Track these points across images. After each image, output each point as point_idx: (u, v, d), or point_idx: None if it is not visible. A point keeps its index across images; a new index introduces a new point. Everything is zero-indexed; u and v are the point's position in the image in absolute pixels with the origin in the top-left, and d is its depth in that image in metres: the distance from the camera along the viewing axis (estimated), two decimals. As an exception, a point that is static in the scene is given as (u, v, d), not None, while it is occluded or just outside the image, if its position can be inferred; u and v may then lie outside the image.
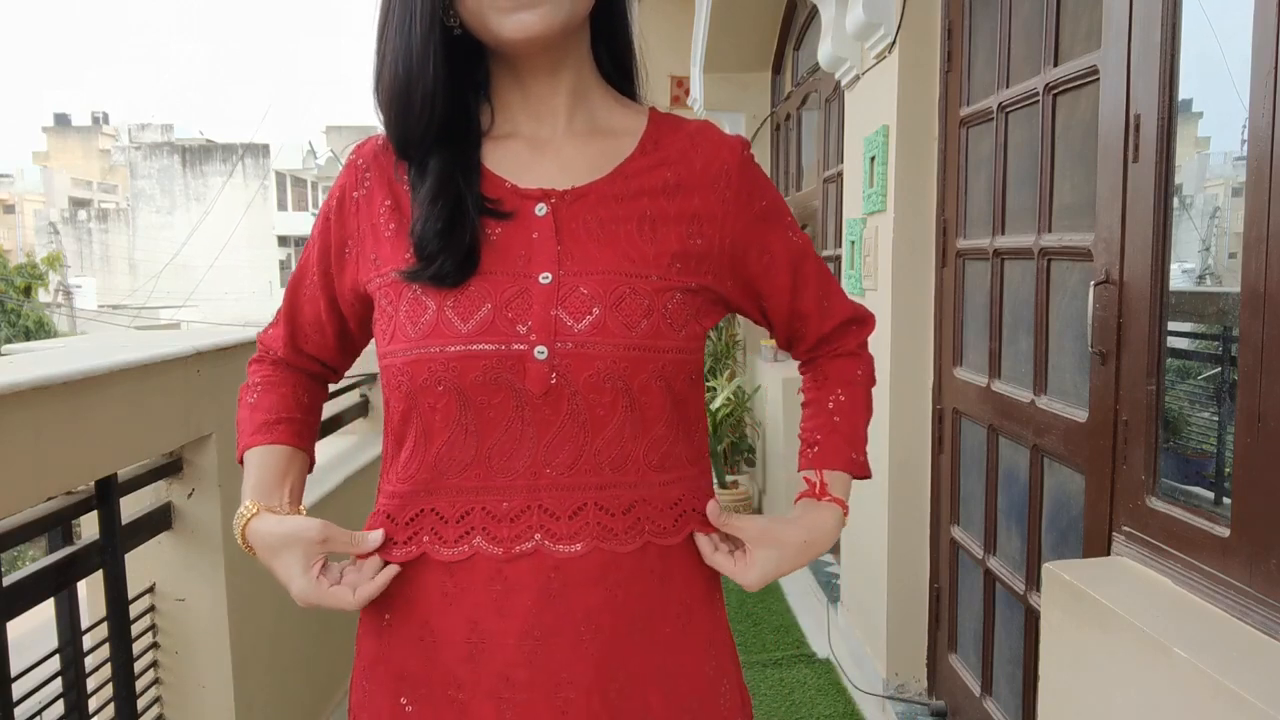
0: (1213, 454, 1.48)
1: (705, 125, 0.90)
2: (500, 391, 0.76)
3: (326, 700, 2.28)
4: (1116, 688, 1.16)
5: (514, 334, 0.76)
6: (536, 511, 0.78)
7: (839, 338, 0.96)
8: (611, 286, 0.77)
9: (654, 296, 0.79)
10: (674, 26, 5.00)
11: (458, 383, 0.76)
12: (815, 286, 0.93)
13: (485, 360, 0.76)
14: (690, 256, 0.82)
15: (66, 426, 1.24)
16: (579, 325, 0.76)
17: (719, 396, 4.22)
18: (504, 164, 0.84)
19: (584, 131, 0.85)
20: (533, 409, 0.77)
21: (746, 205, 0.87)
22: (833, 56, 2.58)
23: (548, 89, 0.84)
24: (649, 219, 0.82)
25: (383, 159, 0.85)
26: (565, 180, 0.82)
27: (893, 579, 2.39)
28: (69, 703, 1.38)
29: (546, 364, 0.76)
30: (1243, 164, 1.11)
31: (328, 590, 0.80)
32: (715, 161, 0.86)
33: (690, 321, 0.82)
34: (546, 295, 0.77)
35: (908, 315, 2.31)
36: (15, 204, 29.08)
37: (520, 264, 0.78)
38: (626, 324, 0.77)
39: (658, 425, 0.81)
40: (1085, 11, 1.60)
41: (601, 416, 0.77)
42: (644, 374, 0.78)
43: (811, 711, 2.52)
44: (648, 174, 0.84)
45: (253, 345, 1.82)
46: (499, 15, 0.76)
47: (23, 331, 16.94)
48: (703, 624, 0.86)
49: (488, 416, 0.77)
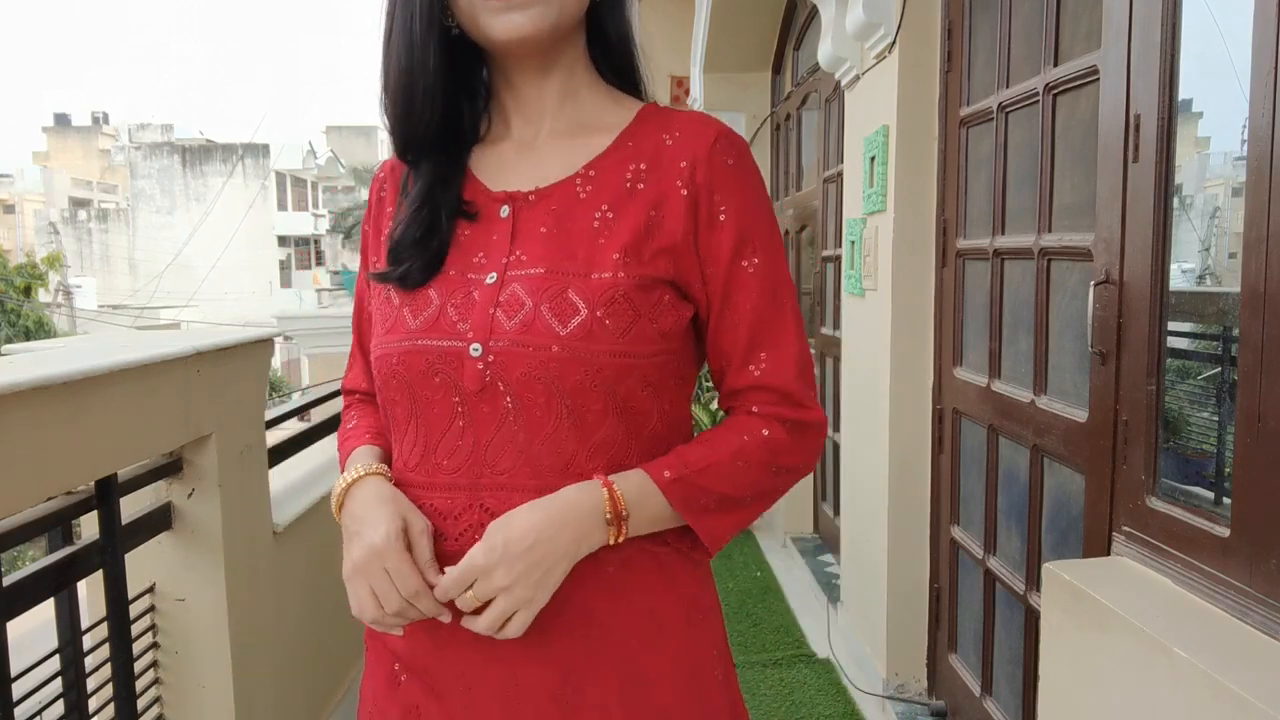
0: (1213, 454, 1.48)
1: (697, 116, 0.85)
2: (442, 388, 0.78)
3: (327, 700, 2.28)
4: (1116, 688, 1.16)
5: (454, 331, 0.78)
6: (478, 510, 0.78)
7: (753, 398, 0.83)
8: (546, 286, 0.77)
9: (591, 296, 0.76)
10: (674, 26, 5.00)
11: (407, 377, 0.80)
12: (747, 332, 0.81)
13: (428, 355, 0.78)
14: (645, 249, 0.79)
15: (66, 426, 1.24)
16: (510, 324, 0.76)
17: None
18: (488, 168, 0.86)
19: (566, 131, 0.85)
20: (472, 406, 0.78)
21: (709, 199, 0.80)
22: (833, 56, 2.58)
23: (536, 90, 0.85)
24: (608, 214, 0.80)
25: (398, 171, 0.89)
26: (534, 181, 0.83)
27: (893, 579, 2.39)
28: (69, 703, 1.38)
29: (480, 361, 0.77)
30: (1243, 164, 1.11)
31: (405, 557, 0.76)
32: (686, 147, 0.81)
33: (638, 322, 0.77)
34: (488, 295, 0.78)
35: (908, 315, 2.31)
36: (15, 204, 29.08)
37: (475, 265, 0.81)
38: (558, 324, 0.75)
39: (601, 430, 0.78)
40: (1085, 11, 1.60)
41: (539, 417, 0.77)
42: (576, 375, 0.75)
43: (811, 711, 2.52)
44: (616, 168, 0.82)
45: (253, 345, 1.83)
46: (489, 16, 0.77)
47: (23, 331, 16.94)
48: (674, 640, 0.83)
49: (432, 413, 0.80)
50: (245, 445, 1.79)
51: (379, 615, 0.78)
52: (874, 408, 2.48)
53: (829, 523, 3.70)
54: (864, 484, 2.62)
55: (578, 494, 0.76)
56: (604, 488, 0.76)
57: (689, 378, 0.86)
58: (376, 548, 0.76)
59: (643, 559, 0.81)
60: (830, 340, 3.52)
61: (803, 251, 4.08)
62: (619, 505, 0.76)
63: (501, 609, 0.74)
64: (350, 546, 0.79)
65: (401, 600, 0.76)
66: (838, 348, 3.04)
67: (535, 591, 0.74)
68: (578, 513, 0.76)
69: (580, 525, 0.76)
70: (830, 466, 3.72)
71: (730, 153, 0.82)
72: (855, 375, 2.73)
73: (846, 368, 2.85)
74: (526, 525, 0.74)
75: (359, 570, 0.78)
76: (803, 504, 4.00)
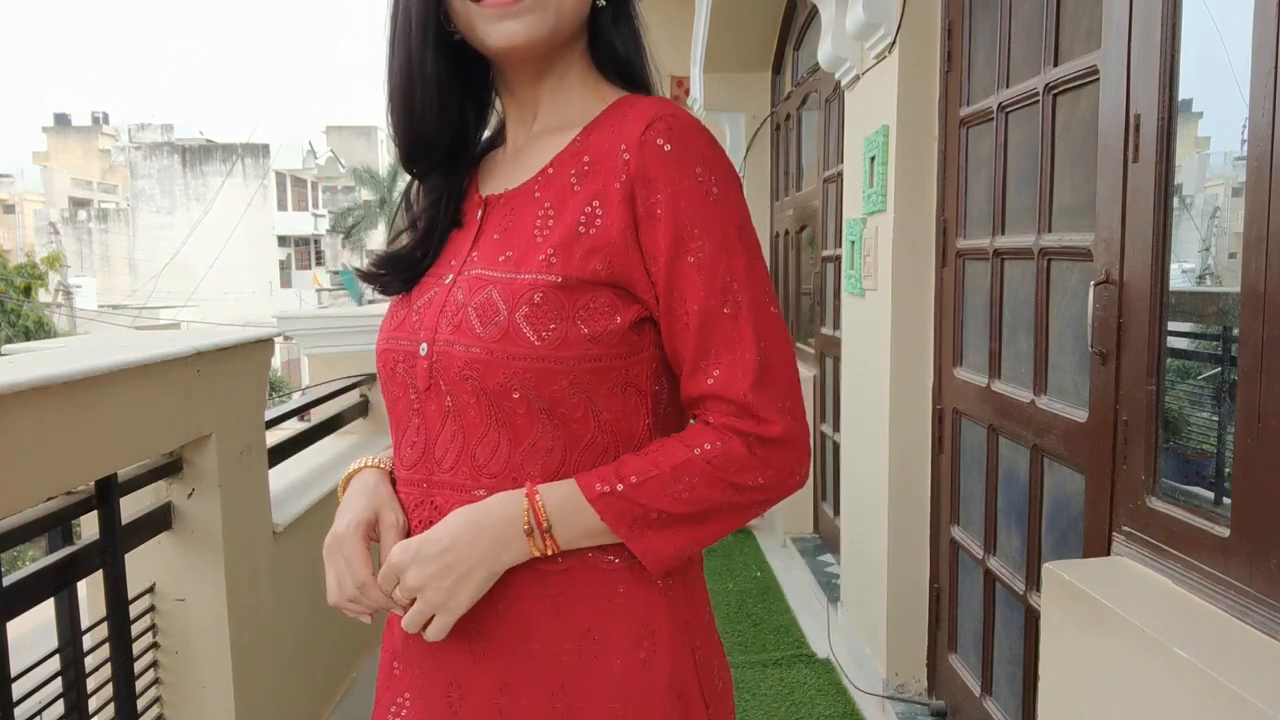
0: (1213, 454, 1.48)
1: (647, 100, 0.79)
2: (402, 386, 0.82)
3: (327, 700, 2.28)
4: (1116, 687, 1.16)
5: (413, 331, 0.82)
6: (428, 507, 0.80)
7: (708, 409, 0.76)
8: (477, 288, 0.77)
9: (511, 297, 0.74)
10: (674, 26, 5.00)
11: (383, 374, 0.85)
12: (695, 337, 0.74)
13: (394, 355, 0.83)
14: (576, 248, 0.74)
15: (66, 426, 1.24)
16: (446, 324, 0.78)
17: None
18: (486, 174, 0.89)
19: (545, 131, 0.84)
20: (423, 404, 0.81)
21: (644, 189, 0.73)
22: (833, 56, 2.58)
23: (530, 93, 0.85)
24: (551, 212, 0.77)
25: None
26: (504, 183, 0.85)
27: (893, 579, 2.39)
28: (69, 703, 1.38)
29: (426, 360, 0.79)
30: (1243, 164, 1.11)
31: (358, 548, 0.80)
32: (623, 136, 0.75)
33: (562, 324, 0.73)
34: (441, 296, 0.81)
35: (908, 315, 2.31)
36: (15, 204, 29.07)
37: (447, 268, 0.84)
38: (480, 324, 0.75)
39: (530, 434, 0.75)
40: (1085, 11, 1.60)
41: (474, 419, 0.77)
42: (496, 377, 0.74)
43: (811, 711, 2.52)
44: (568, 163, 0.79)
45: (253, 345, 1.83)
46: (485, 23, 0.77)
47: (23, 331, 16.94)
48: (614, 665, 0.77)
49: (397, 410, 0.84)
50: (245, 445, 1.79)
51: (339, 599, 0.81)
52: (874, 408, 2.48)
53: (829, 523, 3.70)
54: (864, 484, 2.62)
55: (500, 502, 0.75)
56: (525, 497, 0.74)
57: (652, 390, 0.79)
58: (338, 535, 0.81)
59: (585, 572, 0.77)
60: (830, 340, 3.52)
61: (803, 251, 4.08)
62: (540, 516, 0.73)
63: (419, 610, 0.76)
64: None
65: (353, 588, 0.80)
66: (838, 348, 3.04)
67: (447, 596, 0.74)
68: (496, 521, 0.74)
69: (498, 533, 0.74)
70: (830, 466, 3.72)
71: (666, 136, 0.74)
72: (855, 375, 2.73)
73: (846, 368, 2.85)
74: (444, 529, 0.75)
75: (326, 555, 0.82)
76: (803, 504, 4.00)
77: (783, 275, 4.51)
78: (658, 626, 0.78)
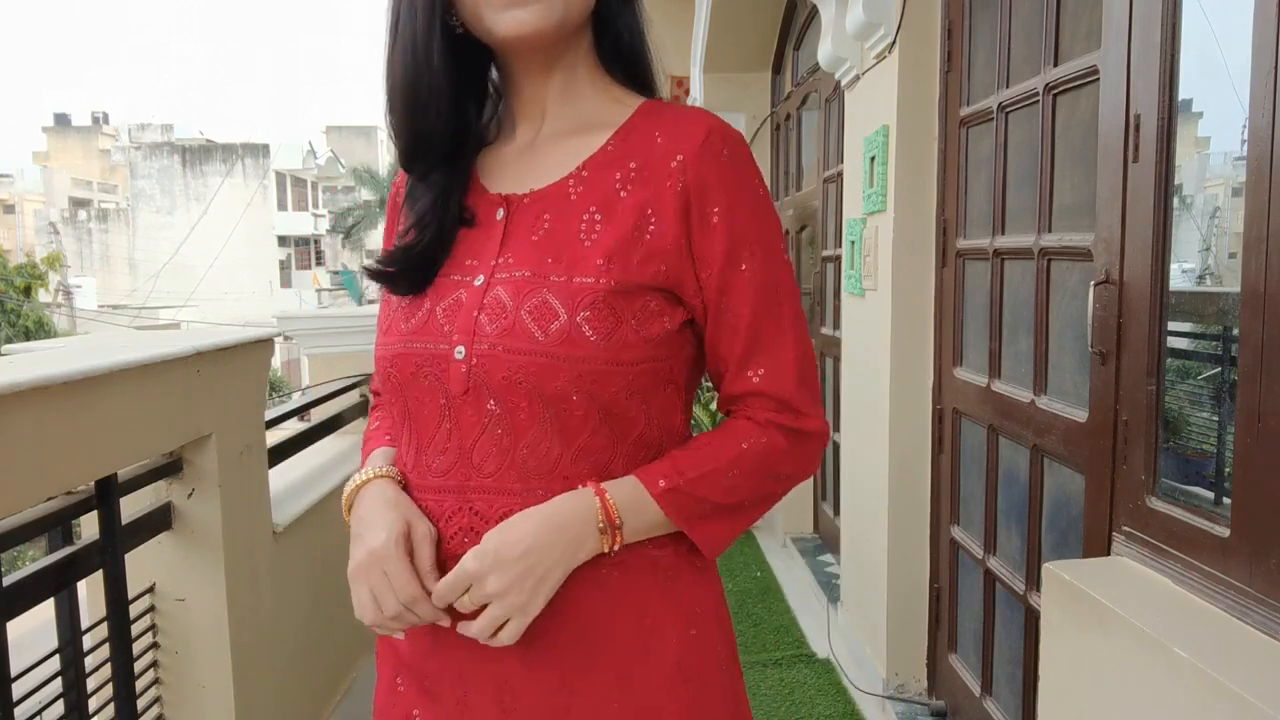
0: (1213, 454, 1.48)
1: (691, 111, 0.83)
2: (430, 390, 0.79)
3: (327, 700, 2.28)
4: (1116, 687, 1.16)
5: (441, 334, 0.78)
6: (467, 513, 0.78)
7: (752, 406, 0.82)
8: (529, 290, 0.76)
9: (571, 300, 0.75)
10: (674, 26, 5.00)
11: (399, 379, 0.81)
12: (745, 338, 0.80)
13: (416, 358, 0.79)
14: (633, 254, 0.76)
15: (66, 426, 1.24)
16: (492, 327, 0.76)
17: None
18: (490, 171, 0.86)
19: (565, 130, 0.84)
20: (458, 409, 0.78)
21: (700, 200, 0.77)
22: (833, 56, 2.58)
23: (538, 90, 0.84)
24: (597, 216, 0.78)
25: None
26: (529, 184, 0.83)
27: (893, 579, 2.39)
28: (69, 703, 1.38)
29: (464, 364, 0.77)
30: (1243, 164, 1.11)
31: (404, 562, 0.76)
32: (677, 145, 0.78)
33: (621, 328, 0.75)
34: (474, 298, 0.78)
35: (908, 315, 2.31)
36: (15, 204, 29.06)
37: (467, 268, 0.81)
38: (538, 328, 0.75)
39: (584, 434, 0.77)
40: (1085, 11, 1.60)
41: (523, 421, 0.76)
42: (559, 381, 0.74)
43: (811, 711, 2.52)
44: (608, 167, 0.80)
45: (253, 345, 1.83)
46: (493, 12, 0.76)
47: (23, 331, 16.93)
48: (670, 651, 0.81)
49: (422, 415, 0.80)
50: (245, 445, 1.79)
51: (378, 618, 0.78)
52: (874, 408, 2.48)
53: (829, 523, 3.70)
54: (864, 484, 2.62)
55: (571, 502, 0.76)
56: (596, 496, 0.76)
57: (686, 384, 0.84)
58: (376, 551, 0.76)
59: (641, 564, 0.80)
60: (830, 340, 3.52)
61: (803, 251, 4.08)
62: (612, 514, 0.76)
63: (494, 616, 0.74)
64: (354, 548, 0.80)
65: (398, 605, 0.76)
66: (838, 348, 3.03)
67: (529, 599, 0.74)
68: (571, 520, 0.75)
69: (574, 533, 0.75)
70: (830, 466, 3.72)
71: (723, 149, 0.78)
72: (855, 375, 2.73)
73: (846, 368, 2.85)
74: (520, 532, 0.74)
75: (360, 572, 0.78)
76: (803, 504, 4.00)
77: (783, 275, 4.50)
78: (703, 607, 0.84)
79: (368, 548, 0.77)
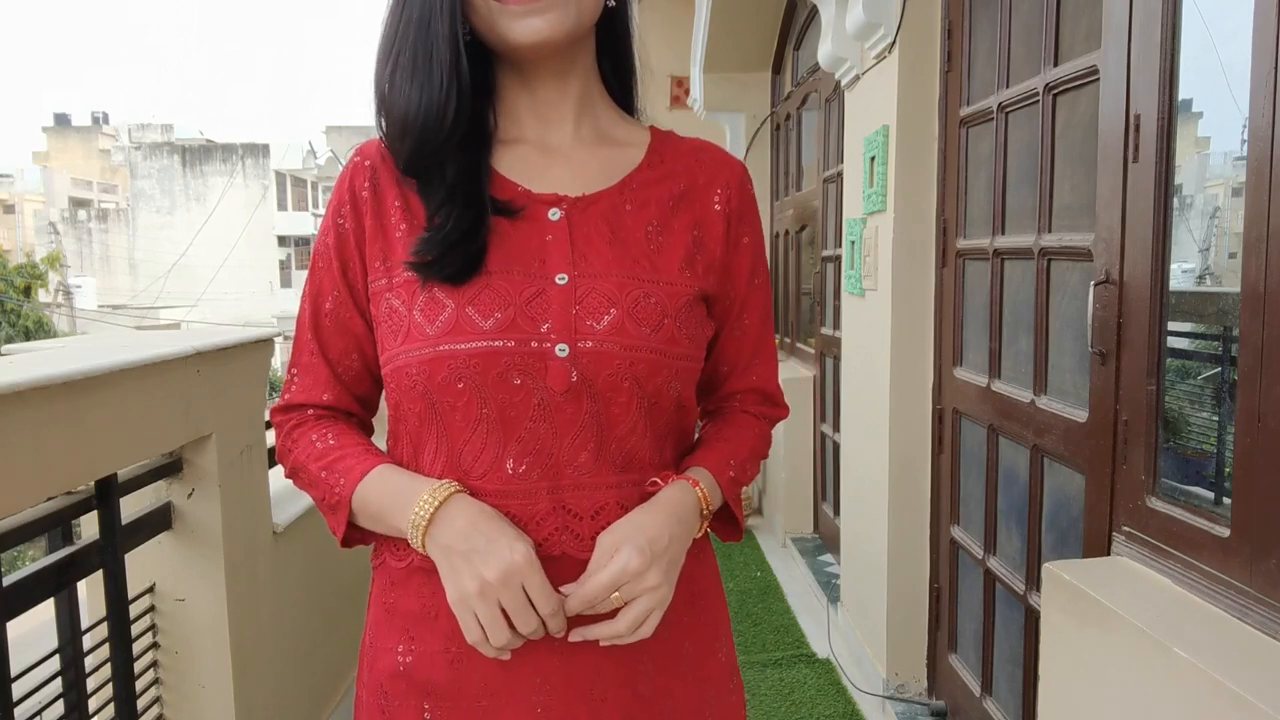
0: (1213, 454, 1.48)
1: (708, 143, 0.92)
2: (522, 390, 0.76)
3: (327, 700, 2.28)
4: (1116, 688, 1.16)
5: (535, 332, 0.76)
6: (560, 513, 0.78)
7: (747, 400, 0.95)
8: (627, 289, 0.79)
9: (667, 302, 0.80)
10: (674, 26, 5.00)
11: (478, 380, 0.76)
12: (752, 343, 0.92)
13: (506, 357, 0.76)
14: (696, 264, 0.84)
15: (66, 426, 1.24)
16: (599, 325, 0.77)
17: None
18: (514, 168, 0.84)
19: (591, 140, 0.86)
20: (555, 408, 0.77)
21: (737, 225, 0.88)
22: (833, 56, 2.58)
23: (556, 95, 0.84)
24: (657, 228, 0.84)
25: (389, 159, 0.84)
26: (577, 186, 0.83)
27: (893, 579, 2.39)
28: (69, 703, 1.38)
29: (567, 361, 0.76)
30: (1243, 164, 1.11)
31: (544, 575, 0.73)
32: (720, 176, 0.89)
33: (696, 329, 0.83)
34: (564, 295, 0.77)
35: (908, 315, 2.31)
36: (15, 204, 29.07)
37: (535, 265, 0.79)
38: (644, 327, 0.78)
39: (661, 426, 0.83)
40: (1085, 11, 1.60)
41: (617, 416, 0.79)
42: (660, 378, 0.79)
43: (811, 711, 2.52)
44: (655, 185, 0.86)
45: (253, 345, 1.83)
46: (508, 20, 0.77)
47: (23, 331, 16.94)
48: (709, 608, 0.89)
49: (509, 416, 0.77)
50: (245, 445, 1.79)
51: (508, 640, 0.73)
52: (874, 408, 2.48)
53: (829, 523, 3.70)
54: (864, 484, 2.62)
55: (680, 493, 0.81)
56: (694, 487, 0.82)
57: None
58: (517, 566, 0.72)
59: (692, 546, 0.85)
60: (830, 340, 3.52)
61: (803, 251, 4.08)
62: (706, 502, 0.82)
63: (646, 607, 0.75)
64: (468, 567, 0.73)
65: (537, 620, 0.73)
66: (838, 348, 3.04)
67: (671, 588, 0.78)
68: (688, 511, 0.81)
69: (691, 523, 0.81)
70: (830, 466, 3.72)
71: (750, 186, 0.92)
72: (855, 375, 2.73)
73: (846, 368, 2.85)
74: (659, 525, 0.77)
75: (489, 592, 0.72)
76: (803, 504, 4.00)
77: (783, 275, 4.51)
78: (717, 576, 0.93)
79: (505, 563, 0.72)
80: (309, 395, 0.86)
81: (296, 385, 0.86)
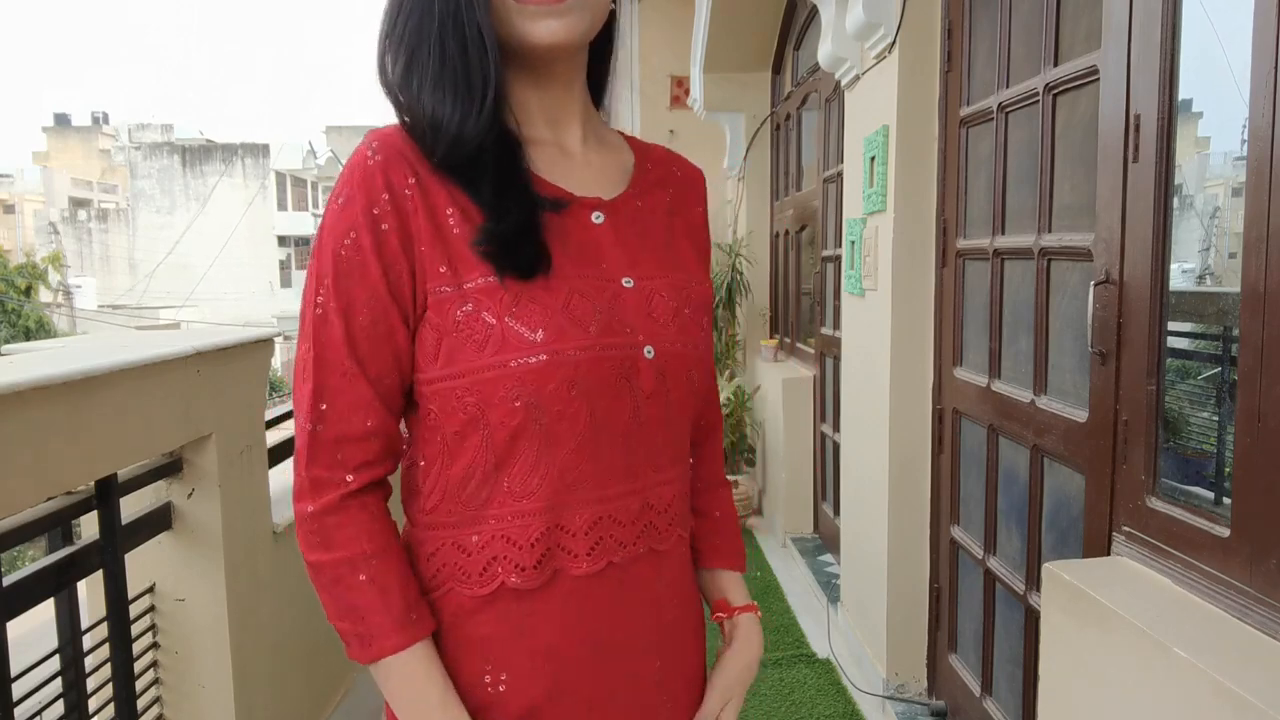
0: (1213, 454, 1.48)
1: (672, 151, 0.97)
2: (622, 394, 0.76)
3: (327, 700, 2.28)
4: (1116, 688, 1.16)
5: (627, 334, 0.77)
6: (647, 511, 0.81)
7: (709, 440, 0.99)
8: (679, 290, 0.83)
9: (701, 301, 0.86)
10: (674, 26, 5.00)
11: (587, 386, 0.73)
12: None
13: (612, 360, 0.75)
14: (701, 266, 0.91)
15: (66, 426, 1.24)
16: (669, 326, 0.81)
17: (719, 396, 4.23)
18: (547, 168, 0.81)
19: (594, 143, 0.87)
20: (645, 409, 0.79)
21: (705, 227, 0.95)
22: (833, 56, 2.58)
23: (565, 96, 0.84)
24: (669, 231, 0.88)
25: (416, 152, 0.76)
26: (603, 189, 0.84)
27: (893, 579, 2.39)
28: (69, 703, 1.38)
29: (654, 363, 0.79)
30: (1243, 164, 1.11)
31: None
32: (696, 186, 0.96)
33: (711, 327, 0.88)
34: (635, 298, 0.79)
35: (908, 315, 2.31)
36: (15, 204, 29.06)
37: (598, 268, 0.78)
38: (693, 326, 0.83)
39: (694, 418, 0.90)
40: (1085, 11, 1.60)
41: (677, 414, 0.83)
42: (700, 373, 0.84)
43: (811, 711, 2.52)
44: (654, 191, 0.89)
45: (253, 345, 1.83)
46: (526, 20, 0.75)
47: (23, 331, 16.93)
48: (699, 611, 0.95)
49: (611, 420, 0.76)
50: (245, 445, 1.79)
51: None
52: (874, 408, 2.48)
53: (829, 523, 3.70)
54: (864, 484, 2.62)
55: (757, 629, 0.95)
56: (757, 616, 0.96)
57: None
58: None
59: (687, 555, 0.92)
60: (830, 340, 3.52)
61: (803, 251, 4.08)
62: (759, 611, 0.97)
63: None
64: None
65: None
66: (838, 348, 3.04)
67: None
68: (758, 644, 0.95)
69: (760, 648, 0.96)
70: (830, 466, 3.72)
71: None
72: (855, 375, 2.73)
73: (846, 368, 2.85)
74: (753, 669, 0.93)
75: None
76: (803, 504, 4.00)
77: (783, 275, 4.51)
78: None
79: None
80: (346, 425, 0.74)
81: (329, 415, 0.73)
